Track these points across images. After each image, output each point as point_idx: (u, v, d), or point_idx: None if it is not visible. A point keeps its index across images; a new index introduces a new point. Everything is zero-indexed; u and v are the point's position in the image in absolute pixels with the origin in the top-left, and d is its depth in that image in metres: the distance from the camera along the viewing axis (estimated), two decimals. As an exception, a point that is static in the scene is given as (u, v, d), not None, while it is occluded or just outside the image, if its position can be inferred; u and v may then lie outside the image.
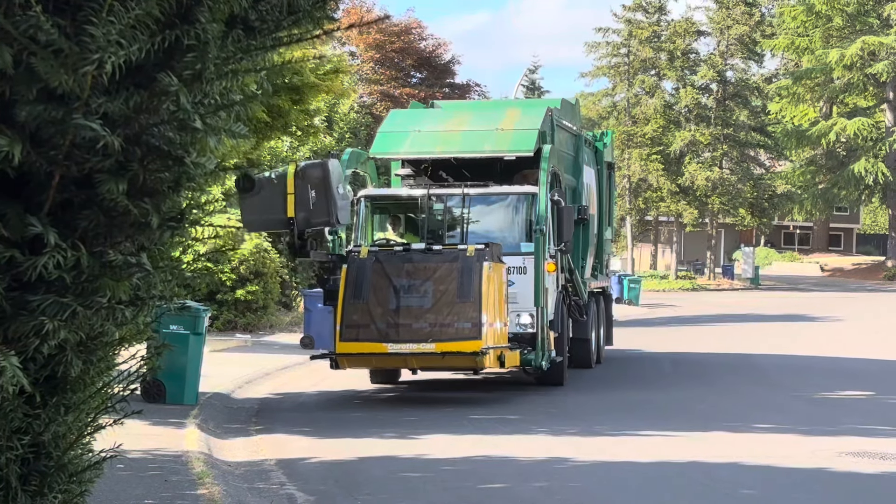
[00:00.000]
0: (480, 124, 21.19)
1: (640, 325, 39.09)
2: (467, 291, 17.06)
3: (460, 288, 17.12)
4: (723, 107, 70.87)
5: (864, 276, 77.66)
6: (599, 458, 13.34)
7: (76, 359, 3.76)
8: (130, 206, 3.52)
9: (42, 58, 3.13)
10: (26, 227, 3.42)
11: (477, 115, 22.24)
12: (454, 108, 24.66)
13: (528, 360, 18.75)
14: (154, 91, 3.40)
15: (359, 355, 17.43)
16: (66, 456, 4.01)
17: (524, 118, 20.93)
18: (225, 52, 3.55)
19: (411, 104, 24.85)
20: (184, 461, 11.95)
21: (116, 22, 3.14)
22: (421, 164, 21.08)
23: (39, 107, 3.24)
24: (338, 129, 36.48)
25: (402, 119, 22.43)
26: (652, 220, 75.26)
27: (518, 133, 20.41)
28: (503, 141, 20.39)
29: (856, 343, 30.98)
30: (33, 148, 3.34)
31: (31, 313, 3.52)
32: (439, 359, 17.13)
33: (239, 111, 3.60)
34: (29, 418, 3.81)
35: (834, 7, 73.51)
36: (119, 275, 3.63)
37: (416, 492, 11.62)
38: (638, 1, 71.74)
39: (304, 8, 3.67)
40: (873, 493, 12.01)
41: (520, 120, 20.87)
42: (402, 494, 11.43)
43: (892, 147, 72.67)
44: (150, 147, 3.50)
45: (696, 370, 23.99)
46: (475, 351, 16.82)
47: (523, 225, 19.78)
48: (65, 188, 3.51)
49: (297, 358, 24.54)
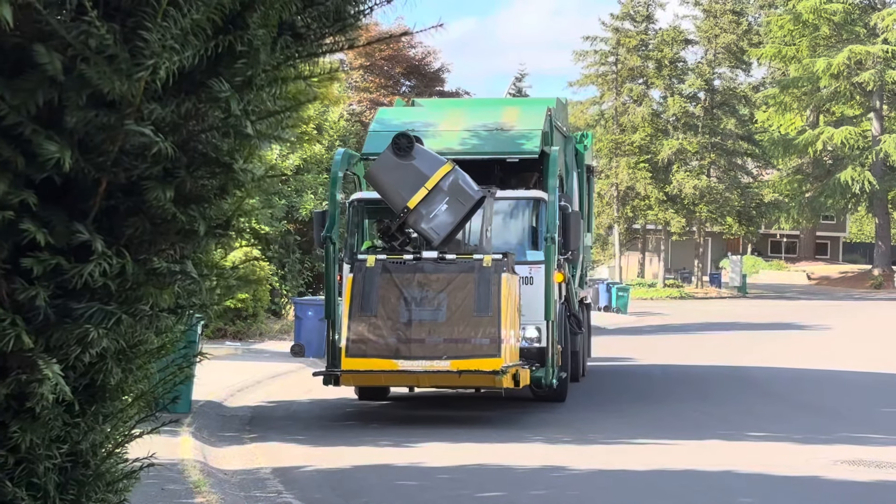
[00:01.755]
0: (478, 124, 19.90)
1: (629, 334, 39.13)
2: (485, 305, 15.92)
3: (478, 301, 15.96)
4: (710, 115, 71.10)
5: (850, 284, 77.88)
6: (595, 467, 13.31)
7: (116, 367, 3.74)
8: (177, 214, 3.49)
9: (95, 64, 3.11)
10: (73, 235, 3.39)
11: (471, 114, 20.74)
12: (444, 106, 23.37)
13: (537, 377, 17.56)
14: (203, 97, 3.38)
15: (366, 373, 16.11)
16: (104, 465, 3.98)
17: (525, 118, 19.80)
18: (274, 58, 3.53)
19: (396, 102, 23.48)
20: (180, 469, 11.90)
21: (171, 27, 3.12)
22: None
23: (90, 113, 3.21)
24: (327, 137, 36.42)
25: (393, 117, 20.77)
26: (640, 229, 75.46)
27: (521, 134, 19.26)
28: (505, 142, 19.24)
29: (845, 352, 31.05)
30: (81, 155, 3.31)
31: (74, 321, 3.49)
32: (455, 377, 15.90)
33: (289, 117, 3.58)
34: (68, 427, 3.79)
35: (821, 16, 73.79)
36: (163, 282, 3.60)
37: (413, 500, 11.59)
38: (626, 9, 71.96)
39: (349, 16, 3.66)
40: (868, 501, 12.01)
41: (520, 119, 19.74)
42: (398, 503, 11.40)
43: (878, 156, 72.93)
44: (197, 153, 3.47)
45: (687, 379, 23.98)
46: (495, 370, 15.62)
47: (528, 232, 18.65)
48: (111, 195, 3.48)
49: (288, 366, 24.49)
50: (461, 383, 16.45)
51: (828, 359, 28.40)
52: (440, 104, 24.93)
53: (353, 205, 19.05)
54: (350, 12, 3.68)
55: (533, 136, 19.06)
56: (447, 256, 16.33)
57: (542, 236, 18.12)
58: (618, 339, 35.48)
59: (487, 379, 15.84)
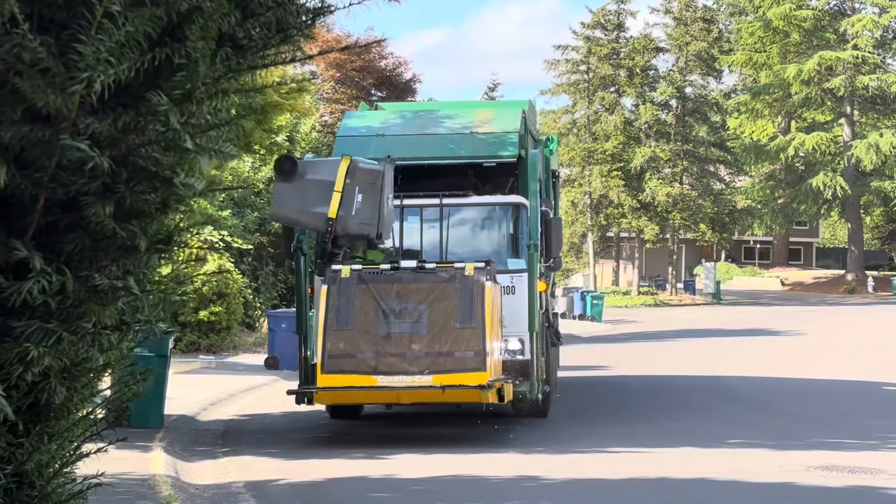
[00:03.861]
0: (451, 127, 19.13)
1: (604, 342, 39.16)
2: (468, 315, 15.06)
3: (461, 311, 15.11)
4: (682, 123, 71.32)
5: (824, 289, 78.16)
6: (570, 476, 13.29)
7: (60, 385, 3.67)
8: (117, 229, 3.42)
9: (28, 77, 3.06)
10: (11, 252, 3.33)
11: (443, 117, 19.85)
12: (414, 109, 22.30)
13: (520, 392, 16.71)
14: (142, 111, 3.33)
15: (344, 389, 15.25)
16: (50, 485, 3.92)
17: (500, 120, 19.01)
18: (214, 70, 3.48)
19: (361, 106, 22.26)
20: (151, 485, 11.83)
21: (106, 40, 3.06)
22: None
23: (25, 128, 3.15)
24: (300, 149, 36.38)
25: (360, 122, 19.90)
26: (613, 237, 75.64)
27: (497, 137, 18.42)
28: (481, 145, 18.36)
29: (819, 358, 31.12)
30: (18, 170, 3.25)
31: (14, 340, 3.43)
32: (438, 393, 14.95)
33: (229, 131, 3.52)
34: (12, 447, 3.72)
35: (791, 23, 74.09)
36: (105, 299, 3.55)
37: (388, 513, 11.56)
38: (596, 18, 72.12)
39: (291, 26, 3.61)
40: (842, 506, 12.05)
41: (495, 122, 18.98)
42: (373, 516, 11.37)
43: (850, 161, 73.24)
44: (136, 168, 3.41)
45: (661, 388, 23.99)
46: (481, 384, 14.76)
47: (508, 239, 17.87)
48: (49, 211, 3.42)
49: (262, 379, 24.42)
50: (444, 399, 15.43)
51: (802, 365, 28.45)
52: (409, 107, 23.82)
53: None
54: (292, 23, 3.63)
55: (510, 140, 18.28)
56: (426, 265, 15.56)
57: (522, 243, 17.43)
58: (592, 348, 35.49)
59: (472, 394, 15.02)
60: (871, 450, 15.42)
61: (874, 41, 74.20)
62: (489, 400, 15.11)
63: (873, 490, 12.65)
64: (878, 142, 71.33)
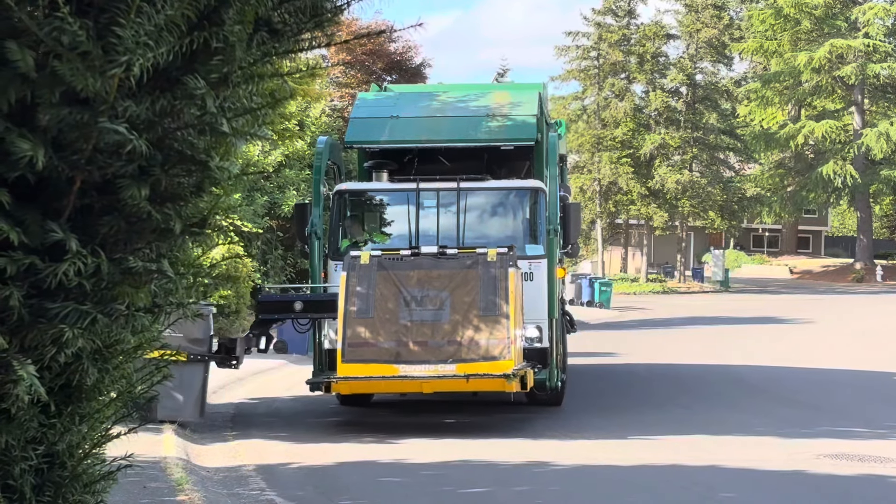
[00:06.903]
0: (467, 110, 18.68)
1: (612, 329, 39.17)
2: (493, 303, 14.72)
3: (484, 299, 14.77)
4: (692, 110, 71.20)
5: (832, 278, 78.06)
6: (579, 462, 13.30)
7: (92, 367, 3.70)
8: (152, 212, 3.45)
9: (67, 60, 3.07)
10: (47, 234, 3.35)
11: (458, 100, 19.31)
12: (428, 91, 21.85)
13: (540, 380, 16.24)
14: (179, 94, 3.34)
15: (364, 379, 14.78)
16: (81, 466, 3.95)
17: (517, 103, 18.58)
18: (250, 55, 3.49)
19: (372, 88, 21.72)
20: (162, 467, 11.85)
21: (145, 23, 3.08)
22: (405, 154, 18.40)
23: (64, 110, 3.17)
24: (310, 133, 36.34)
25: (374, 103, 19.42)
26: (622, 224, 75.57)
27: (515, 120, 18.02)
28: (498, 129, 17.91)
29: (827, 346, 31.10)
30: (54, 153, 3.27)
31: (49, 321, 3.45)
32: (462, 383, 14.53)
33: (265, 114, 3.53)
34: (44, 428, 3.75)
35: (802, 10, 73.91)
36: (139, 281, 3.56)
37: (396, 497, 11.55)
38: (608, 4, 72.01)
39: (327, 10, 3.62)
40: (851, 494, 12.02)
41: (511, 105, 18.54)
42: (381, 500, 11.35)
43: (860, 149, 73.08)
44: (172, 151, 3.43)
45: (670, 375, 24.00)
46: (506, 373, 14.36)
47: (526, 224, 17.40)
48: (85, 193, 3.44)
49: (271, 363, 24.44)
50: (468, 388, 14.99)
51: (809, 353, 28.45)
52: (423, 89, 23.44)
53: (337, 196, 17.64)
54: (327, 7, 3.64)
55: (528, 123, 17.96)
56: (448, 251, 15.28)
57: (541, 228, 17.07)
58: (601, 334, 35.50)
59: (498, 383, 14.53)
60: (880, 438, 15.44)
61: (885, 29, 73.97)
62: (513, 389, 14.68)
63: (882, 478, 12.66)
64: (889, 130, 71.15)
